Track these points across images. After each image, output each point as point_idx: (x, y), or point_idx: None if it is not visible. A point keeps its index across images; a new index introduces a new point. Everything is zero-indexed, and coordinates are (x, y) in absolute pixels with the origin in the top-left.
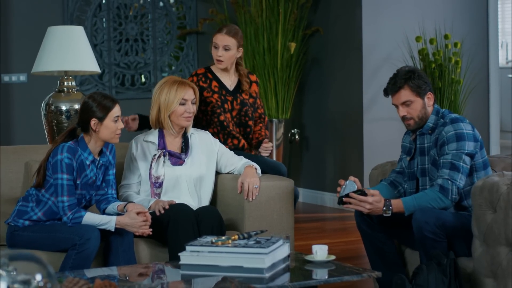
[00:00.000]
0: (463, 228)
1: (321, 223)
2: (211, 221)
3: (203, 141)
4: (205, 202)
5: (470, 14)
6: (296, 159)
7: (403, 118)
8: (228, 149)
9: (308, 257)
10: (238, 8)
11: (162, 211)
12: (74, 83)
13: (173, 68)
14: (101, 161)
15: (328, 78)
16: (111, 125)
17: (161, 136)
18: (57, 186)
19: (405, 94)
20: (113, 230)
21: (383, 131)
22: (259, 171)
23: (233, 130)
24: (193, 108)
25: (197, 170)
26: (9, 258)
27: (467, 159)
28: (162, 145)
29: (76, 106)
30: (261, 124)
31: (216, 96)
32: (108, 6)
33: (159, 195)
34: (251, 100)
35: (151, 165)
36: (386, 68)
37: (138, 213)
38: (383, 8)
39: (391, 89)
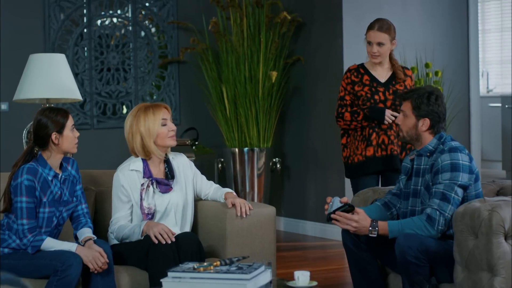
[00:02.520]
0: (445, 254)
1: (303, 251)
2: (190, 247)
3: (181, 165)
4: (187, 228)
5: (451, 43)
6: (278, 188)
7: (397, 125)
8: (200, 173)
9: (290, 283)
10: (220, 37)
11: (169, 241)
12: None
13: (154, 97)
14: (63, 176)
15: (309, 107)
16: (69, 136)
17: (145, 164)
18: (17, 209)
19: (406, 105)
20: (74, 250)
21: None
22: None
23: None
24: (174, 126)
25: (183, 196)
26: None
27: (459, 190)
28: (148, 173)
29: None
30: None
31: (366, 88)
32: (90, 35)
33: None
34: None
35: (141, 196)
36: None
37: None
38: (363, 37)
39: (401, 95)
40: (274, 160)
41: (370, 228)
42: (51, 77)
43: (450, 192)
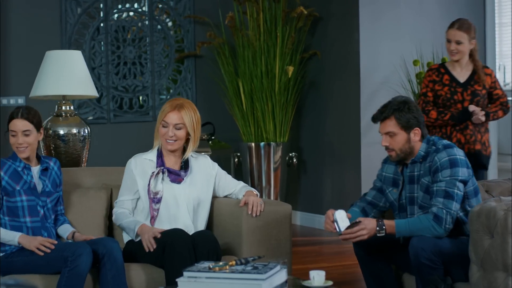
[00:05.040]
0: (460, 254)
1: (319, 246)
2: (207, 245)
3: (201, 165)
4: (201, 225)
5: None
6: (294, 183)
7: (386, 148)
8: (226, 173)
9: (306, 283)
10: (236, 31)
11: (152, 248)
12: (72, 107)
13: (171, 91)
14: (41, 167)
15: (326, 101)
16: (11, 139)
17: (160, 155)
18: None
19: (390, 124)
20: (16, 245)
21: (381, 154)
22: (259, 195)
23: None
24: (175, 133)
25: (196, 191)
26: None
27: (461, 185)
28: (160, 163)
29: (74, 130)
30: (499, 106)
31: (446, 88)
32: (106, 30)
33: (157, 210)
34: (483, 92)
35: (149, 181)
36: (384, 91)
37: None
38: (380, 32)
39: (377, 116)
40: (290, 154)
41: (378, 228)
42: (67, 73)
43: (453, 189)
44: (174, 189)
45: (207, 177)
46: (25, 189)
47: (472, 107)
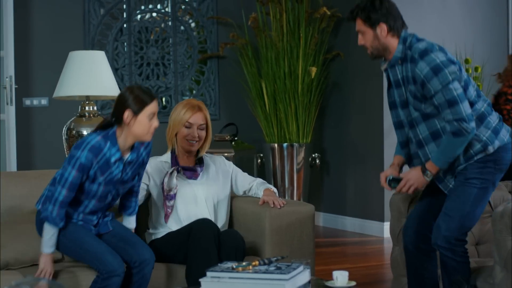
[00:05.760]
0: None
1: (342, 247)
2: (233, 243)
3: (217, 164)
4: (221, 222)
5: (491, 38)
6: (317, 184)
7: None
8: (241, 170)
9: (329, 283)
10: (259, 32)
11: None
12: (95, 108)
13: (194, 92)
14: (129, 158)
15: (349, 102)
16: (144, 122)
17: (174, 156)
18: (62, 177)
19: (358, 23)
20: (41, 249)
21: None
22: (277, 193)
23: None
24: (198, 134)
25: (214, 187)
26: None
27: (456, 84)
28: (175, 163)
29: None
30: None
31: None
32: (129, 30)
33: (171, 208)
34: None
35: (163, 179)
36: None
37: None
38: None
39: (348, 17)
40: (313, 155)
41: (423, 175)
42: (90, 74)
43: (452, 93)
44: (192, 186)
45: (224, 174)
46: (107, 180)
47: None
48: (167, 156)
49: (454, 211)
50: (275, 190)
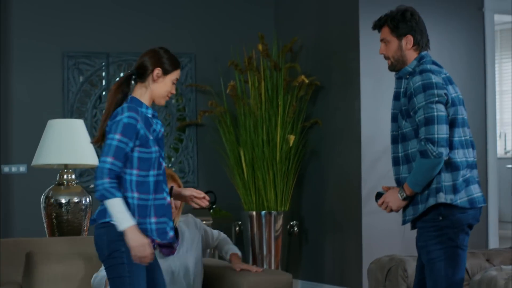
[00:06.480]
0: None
1: None
2: None
3: (190, 226)
4: None
5: (468, 104)
6: (295, 251)
7: (384, 57)
8: (206, 227)
9: None
10: (238, 100)
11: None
12: (73, 176)
13: (172, 159)
14: (153, 112)
15: (327, 170)
16: (169, 84)
17: None
18: (105, 146)
19: (384, 32)
20: (118, 229)
21: (382, 224)
22: (241, 256)
23: None
24: (174, 203)
25: (190, 259)
26: None
27: (440, 106)
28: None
29: (76, 199)
30: None
31: None
32: None
33: None
34: None
35: None
36: (385, 160)
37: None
38: (381, 100)
39: (376, 24)
40: (291, 223)
41: (399, 195)
42: (69, 143)
43: (432, 111)
44: (169, 261)
45: (196, 238)
46: (154, 138)
47: None
48: None
49: None
50: (239, 253)
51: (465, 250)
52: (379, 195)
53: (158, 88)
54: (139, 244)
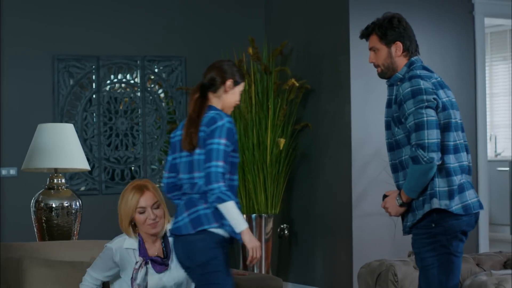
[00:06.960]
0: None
1: None
2: None
3: None
4: None
5: (459, 108)
6: (286, 254)
7: (374, 65)
8: None
9: None
10: None
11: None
12: (63, 180)
13: (163, 162)
14: None
15: (317, 173)
16: (237, 94)
17: (141, 241)
18: (212, 151)
19: (373, 40)
20: (237, 231)
21: (372, 227)
22: None
23: None
24: (156, 214)
25: (181, 272)
26: None
27: (430, 111)
28: (143, 252)
29: (66, 203)
30: None
31: None
32: (98, 101)
33: None
34: None
35: (133, 275)
36: (375, 163)
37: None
38: (372, 103)
39: (363, 33)
40: (282, 226)
41: (396, 201)
42: (59, 147)
43: (422, 117)
44: (161, 279)
45: None
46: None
47: None
48: (132, 242)
49: None
50: None
51: (460, 257)
52: (385, 197)
53: (229, 97)
54: (256, 246)
